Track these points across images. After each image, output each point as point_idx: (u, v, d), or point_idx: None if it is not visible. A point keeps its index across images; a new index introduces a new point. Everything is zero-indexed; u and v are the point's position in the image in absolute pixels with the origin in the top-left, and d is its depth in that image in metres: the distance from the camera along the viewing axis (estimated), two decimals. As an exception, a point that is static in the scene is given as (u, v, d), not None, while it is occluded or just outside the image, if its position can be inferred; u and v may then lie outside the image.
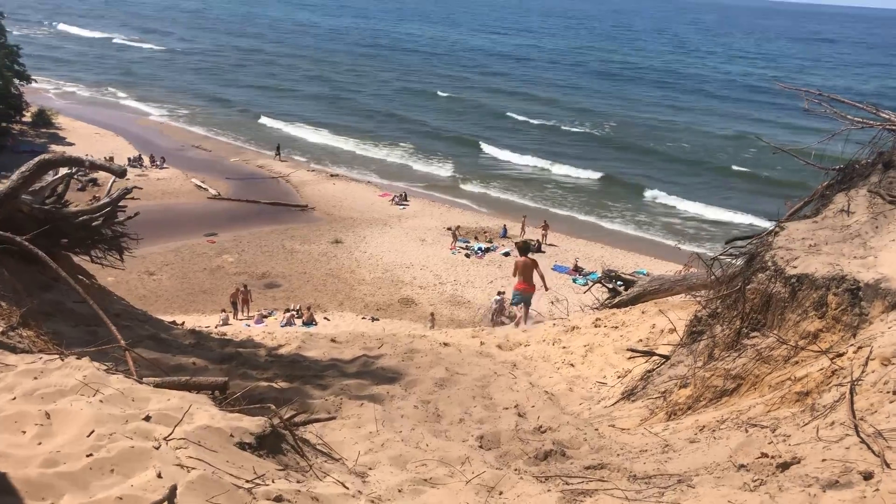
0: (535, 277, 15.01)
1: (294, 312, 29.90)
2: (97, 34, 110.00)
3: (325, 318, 29.87)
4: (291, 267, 34.39)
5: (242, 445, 4.08)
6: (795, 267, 5.97)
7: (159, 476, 3.40)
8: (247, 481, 3.68)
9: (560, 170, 51.10)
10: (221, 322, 28.74)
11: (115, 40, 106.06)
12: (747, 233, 7.58)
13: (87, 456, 3.44)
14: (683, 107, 73.38)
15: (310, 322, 29.20)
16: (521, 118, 66.04)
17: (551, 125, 64.25)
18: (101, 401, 4.02)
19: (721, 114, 69.71)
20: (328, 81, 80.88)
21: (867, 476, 3.92)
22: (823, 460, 4.27)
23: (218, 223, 38.97)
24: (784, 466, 4.39)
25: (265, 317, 30.24)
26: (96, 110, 62.80)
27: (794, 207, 7.67)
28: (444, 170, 51.30)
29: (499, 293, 25.37)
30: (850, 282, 5.59)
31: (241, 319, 30.06)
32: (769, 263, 6.21)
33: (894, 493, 3.68)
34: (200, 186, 44.31)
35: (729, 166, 52.26)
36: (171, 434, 3.82)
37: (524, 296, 15.41)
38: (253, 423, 4.23)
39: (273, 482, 3.85)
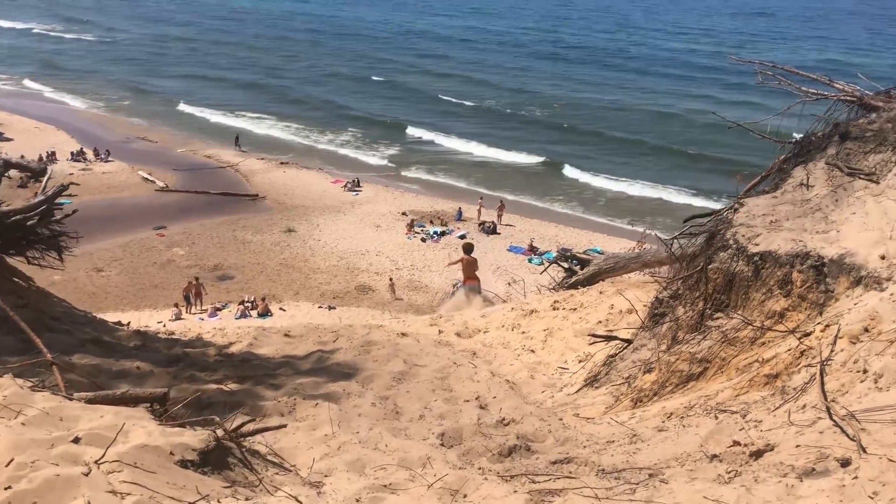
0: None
1: (249, 304, 29.37)
2: (16, 24, 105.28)
3: (280, 308, 29.40)
4: (244, 258, 33.75)
5: (184, 463, 3.77)
6: (758, 244, 5.83)
7: (89, 506, 3.09)
8: (189, 503, 3.38)
9: (505, 154, 50.60)
10: (174, 317, 28.10)
11: (34, 30, 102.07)
12: (705, 211, 7.42)
13: (5, 489, 3.11)
14: (629, 86, 73.25)
15: (265, 313, 28.71)
16: (466, 103, 65.27)
17: (494, 109, 63.64)
18: (22, 423, 3.67)
19: (667, 92, 69.80)
20: (262, 69, 79.07)
21: (844, 463, 3.76)
22: (797, 446, 4.12)
23: (167, 216, 38.03)
24: (757, 455, 4.23)
25: (219, 310, 29.65)
26: (35, 104, 60.79)
27: (751, 183, 7.54)
28: (384, 157, 50.60)
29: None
30: (814, 258, 5.46)
31: (194, 314, 29.42)
32: (730, 241, 6.06)
33: (874, 481, 3.54)
34: (147, 179, 43.22)
35: (675, 146, 52.20)
36: (103, 457, 3.49)
37: (472, 287, 17.45)
38: (195, 438, 3.92)
39: (219, 502, 3.56)
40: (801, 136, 7.28)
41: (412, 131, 56.32)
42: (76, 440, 3.66)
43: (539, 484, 4.42)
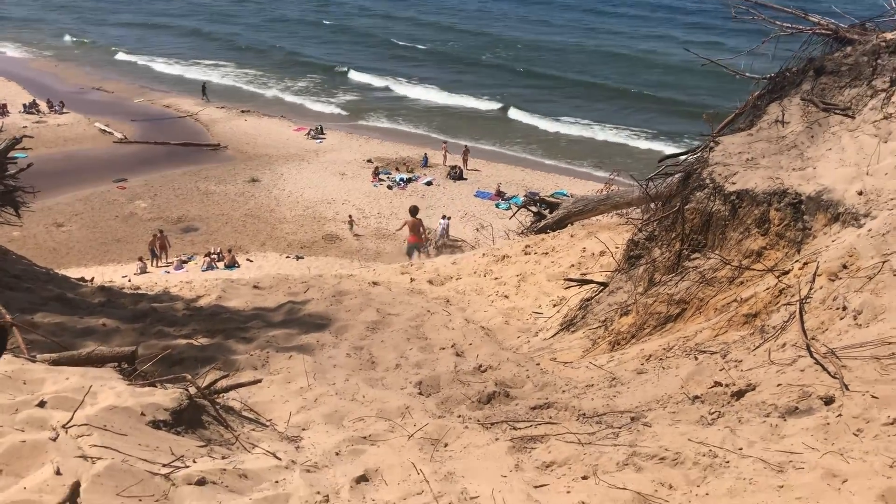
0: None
1: (215, 256, 28.94)
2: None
3: (247, 259, 29.03)
4: (208, 209, 33.16)
5: (156, 424, 3.64)
6: (734, 183, 5.75)
7: (58, 472, 2.95)
8: (163, 465, 3.26)
9: (464, 100, 49.80)
10: (139, 271, 27.63)
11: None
12: (672, 153, 7.31)
13: (-32, 458, 2.96)
14: (595, 27, 72.33)
15: (232, 265, 28.34)
16: (419, 46, 64.00)
17: (450, 53, 62.53)
18: (-16, 388, 3.51)
19: (631, 34, 69.04)
20: (208, 15, 76.65)
21: (828, 401, 3.75)
22: (779, 385, 4.10)
23: (127, 168, 37.11)
24: (739, 395, 4.21)
25: (185, 262, 29.19)
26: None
27: (725, 120, 7.44)
28: (339, 105, 49.61)
29: (444, 217, 26.86)
30: (791, 195, 5.40)
31: (159, 267, 28.96)
32: (707, 181, 5.98)
33: (858, 418, 3.52)
34: (105, 130, 42.05)
35: (635, 88, 51.83)
36: (70, 420, 3.35)
37: (415, 246, 19.24)
38: (167, 397, 3.78)
39: (194, 462, 3.45)
40: (775, 72, 7.16)
41: (366, 78, 55.16)
42: (42, 404, 3.51)
43: (520, 430, 4.37)
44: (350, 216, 28.52)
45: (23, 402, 3.49)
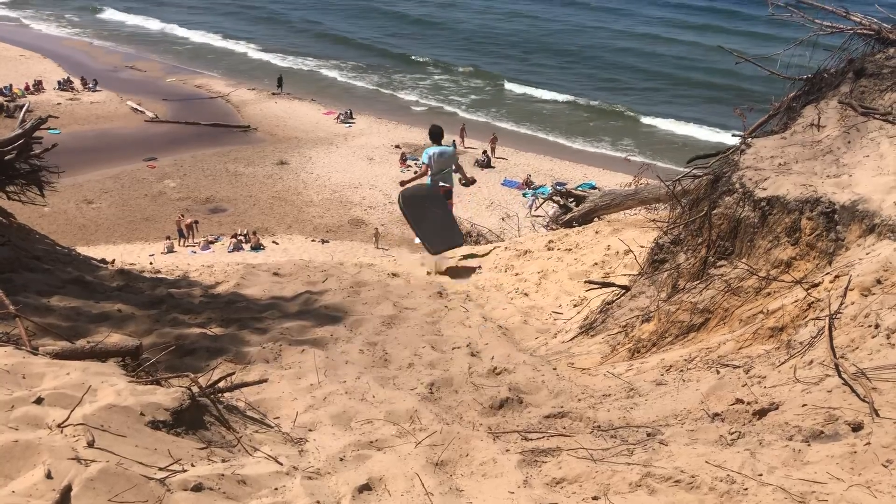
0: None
1: (241, 237, 29.11)
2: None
3: (273, 241, 29.20)
4: (236, 191, 33.36)
5: (156, 424, 3.55)
6: (765, 189, 5.53)
7: (49, 476, 2.87)
8: (160, 469, 3.17)
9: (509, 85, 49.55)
10: (166, 250, 27.89)
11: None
12: (710, 151, 7.09)
13: (-44, 458, 2.88)
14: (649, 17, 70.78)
15: (258, 247, 28.52)
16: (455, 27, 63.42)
17: (492, 35, 61.96)
18: (-19, 383, 3.44)
19: (675, 24, 67.81)
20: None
21: (856, 427, 3.56)
22: (804, 406, 3.92)
23: (157, 147, 37.48)
24: (761, 414, 4.03)
25: (212, 243, 29.42)
26: (19, 31, 59.27)
27: (758, 122, 7.20)
28: (368, 82, 49.41)
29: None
30: (824, 204, 5.18)
31: (187, 246, 29.19)
32: (736, 185, 5.76)
33: (888, 448, 3.34)
34: (137, 109, 42.44)
35: (689, 76, 51.02)
36: (67, 419, 3.26)
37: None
38: (168, 397, 3.69)
39: (193, 466, 3.35)
40: (812, 73, 6.90)
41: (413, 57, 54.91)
42: (38, 401, 3.43)
43: (532, 442, 4.23)
44: (376, 230, 28.15)
45: (19, 398, 3.41)
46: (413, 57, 55.17)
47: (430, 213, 11.13)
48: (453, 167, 11.74)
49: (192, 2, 71.88)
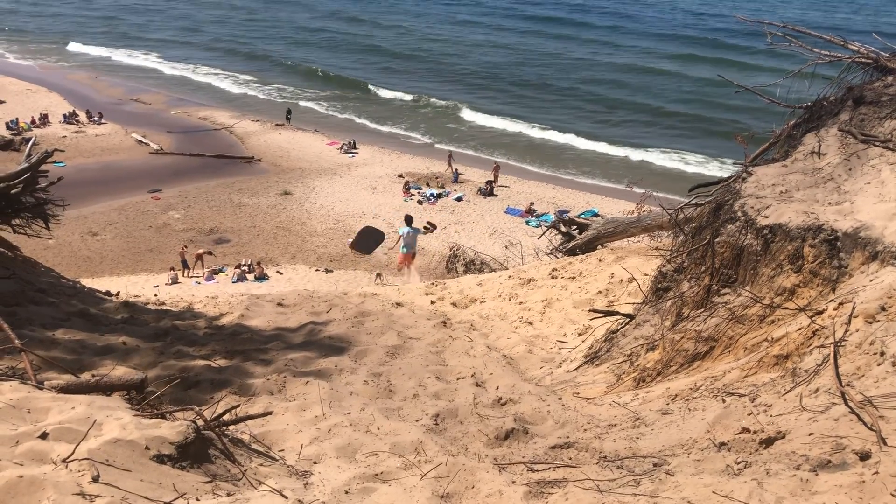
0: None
1: (245, 268, 29.09)
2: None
3: (277, 271, 29.15)
4: (240, 221, 33.40)
5: (161, 458, 3.55)
6: (767, 216, 5.55)
7: (53, 512, 2.86)
8: (165, 504, 3.16)
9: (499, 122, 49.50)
10: (170, 281, 27.87)
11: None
12: (711, 180, 7.11)
13: (-39, 495, 2.88)
14: (620, 44, 71.09)
15: (262, 277, 28.48)
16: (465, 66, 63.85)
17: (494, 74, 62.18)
18: (-13, 418, 3.44)
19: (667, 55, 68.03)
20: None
21: (864, 455, 3.54)
22: (811, 435, 3.90)
23: (162, 179, 37.58)
24: (767, 443, 4.01)
25: (216, 273, 29.39)
26: (27, 66, 59.87)
27: (759, 150, 7.23)
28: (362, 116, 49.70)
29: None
30: (827, 231, 5.19)
31: (191, 277, 29.19)
32: (739, 213, 5.78)
33: None
34: (141, 141, 42.64)
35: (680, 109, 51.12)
36: (72, 454, 3.26)
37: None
38: (173, 430, 3.68)
39: (198, 500, 3.34)
40: (812, 101, 6.95)
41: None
42: (44, 436, 3.43)
43: (538, 473, 4.21)
44: (379, 274, 27.96)
45: (25, 433, 3.41)
46: (407, 94, 55.19)
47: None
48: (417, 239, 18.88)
49: (166, 34, 72.84)
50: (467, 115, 50.59)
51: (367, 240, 21.57)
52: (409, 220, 20.06)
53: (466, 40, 73.95)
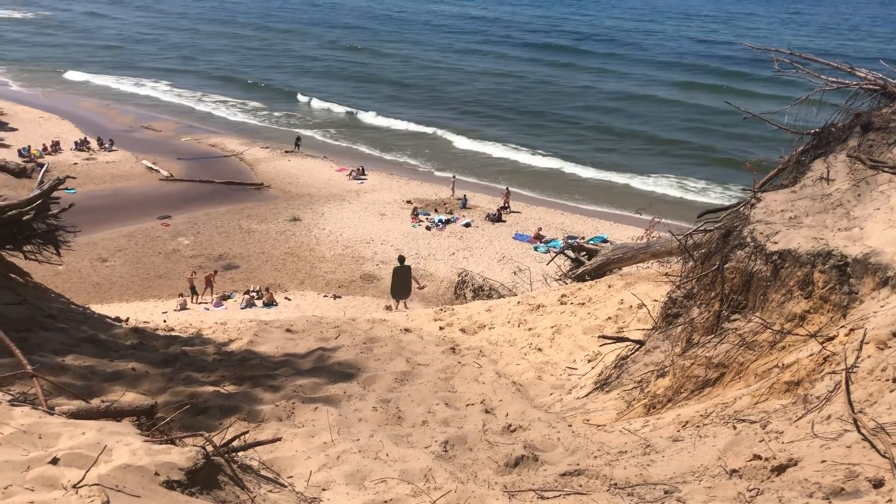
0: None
1: (254, 294, 29.15)
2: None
3: (286, 298, 29.20)
4: (249, 247, 33.54)
5: (170, 484, 3.54)
6: (776, 242, 5.54)
7: (63, 538, 2.86)
8: (174, 531, 3.15)
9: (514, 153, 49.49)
10: (179, 307, 27.93)
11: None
12: (715, 207, 7.11)
13: (-28, 521, 2.89)
14: (654, 78, 71.04)
15: (270, 303, 28.53)
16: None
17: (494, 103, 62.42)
18: (-2, 443, 3.45)
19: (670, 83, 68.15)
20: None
21: (877, 483, 3.51)
22: (823, 461, 3.87)
23: (172, 205, 37.83)
24: (779, 470, 3.98)
25: (225, 299, 29.46)
26: (39, 93, 60.58)
27: (767, 176, 7.24)
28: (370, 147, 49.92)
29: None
30: (836, 257, 5.17)
31: (200, 303, 29.25)
32: (748, 239, 5.77)
33: (910, 505, 3.29)
34: (152, 168, 42.98)
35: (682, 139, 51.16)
36: (82, 480, 3.26)
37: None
38: (183, 456, 3.68)
39: (206, 527, 3.34)
40: (820, 127, 6.96)
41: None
42: (54, 461, 3.43)
43: (548, 500, 4.18)
44: (389, 306, 27.89)
45: (35, 458, 3.42)
46: (413, 126, 55.31)
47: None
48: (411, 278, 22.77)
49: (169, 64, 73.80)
50: (472, 143, 50.69)
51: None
52: (401, 259, 23.37)
53: (471, 68, 74.47)
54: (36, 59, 73.97)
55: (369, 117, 57.09)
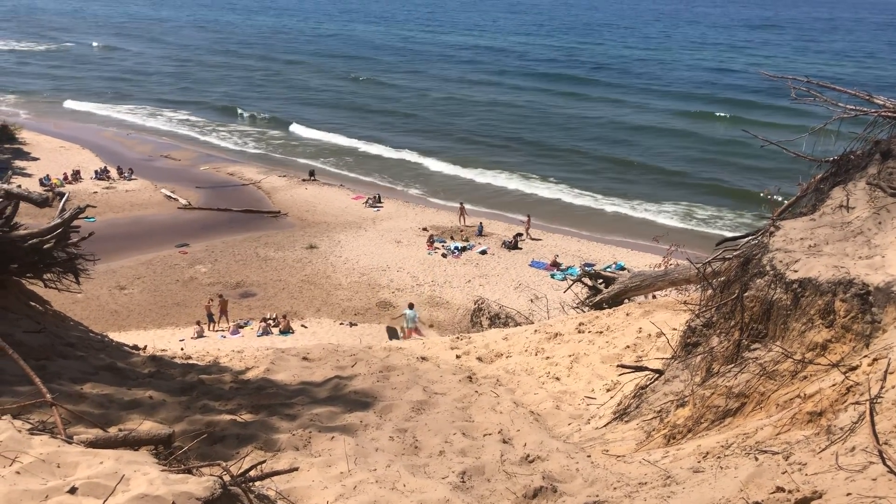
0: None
1: (270, 321, 29.21)
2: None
3: (302, 325, 29.23)
4: (266, 275, 33.67)
5: (187, 515, 3.53)
6: (796, 271, 5.50)
7: (79, 569, 2.84)
8: (190, 562, 3.13)
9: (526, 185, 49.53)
10: (196, 335, 28.02)
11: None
12: (739, 234, 7.07)
13: (-10, 551, 2.88)
14: (657, 108, 71.11)
15: (287, 331, 28.56)
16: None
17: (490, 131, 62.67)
18: (17, 472, 3.45)
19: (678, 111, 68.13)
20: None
21: (904, 518, 3.44)
22: (848, 494, 3.80)
23: (190, 233, 38.14)
24: (803, 503, 3.91)
25: (241, 327, 29.53)
26: (61, 123, 61.52)
27: (786, 204, 7.20)
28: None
29: (410, 306, 28.67)
30: (858, 286, 5.12)
31: (216, 331, 29.33)
32: (767, 267, 5.73)
33: (939, 541, 3.21)
34: (170, 197, 43.41)
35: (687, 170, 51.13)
36: (99, 510, 3.26)
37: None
38: (200, 486, 3.67)
39: (223, 558, 3.31)
40: (839, 154, 6.93)
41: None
42: (72, 490, 3.44)
43: (567, 532, 4.13)
44: (401, 327, 28.09)
45: (54, 487, 3.42)
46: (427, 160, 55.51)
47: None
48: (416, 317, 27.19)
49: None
50: (486, 175, 50.69)
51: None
52: (410, 306, 27.95)
53: (481, 97, 74.94)
54: (58, 90, 75.37)
55: (389, 151, 56.92)
